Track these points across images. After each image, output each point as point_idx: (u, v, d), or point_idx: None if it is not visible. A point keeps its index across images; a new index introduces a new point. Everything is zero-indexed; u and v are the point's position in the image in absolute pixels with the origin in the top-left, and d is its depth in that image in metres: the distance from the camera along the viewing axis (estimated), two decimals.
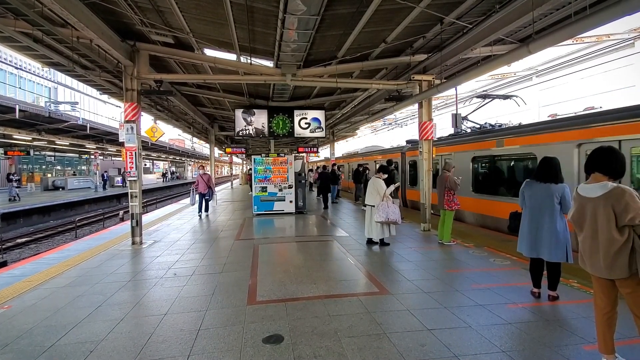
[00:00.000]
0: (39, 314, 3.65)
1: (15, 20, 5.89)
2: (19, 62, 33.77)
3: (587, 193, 2.54)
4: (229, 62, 7.74)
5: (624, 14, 3.50)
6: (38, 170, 36.20)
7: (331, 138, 20.15)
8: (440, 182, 6.44)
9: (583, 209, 2.56)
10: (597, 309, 2.60)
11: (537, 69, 12.98)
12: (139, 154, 6.96)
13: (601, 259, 2.43)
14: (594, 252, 2.49)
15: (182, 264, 5.53)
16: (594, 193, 2.49)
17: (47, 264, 5.63)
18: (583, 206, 2.56)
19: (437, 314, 3.50)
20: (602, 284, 2.55)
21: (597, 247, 2.46)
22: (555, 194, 3.65)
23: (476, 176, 8.91)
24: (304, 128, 10.56)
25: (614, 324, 2.55)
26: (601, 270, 2.46)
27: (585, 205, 2.54)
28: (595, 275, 2.56)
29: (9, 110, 13.99)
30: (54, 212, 17.16)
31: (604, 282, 2.53)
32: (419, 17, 5.89)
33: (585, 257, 2.58)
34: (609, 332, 2.53)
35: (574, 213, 2.65)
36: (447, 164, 6.64)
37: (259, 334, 3.12)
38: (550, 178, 3.70)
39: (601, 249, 2.43)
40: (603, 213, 2.41)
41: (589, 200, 2.51)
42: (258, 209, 10.98)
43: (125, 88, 6.95)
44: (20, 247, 11.28)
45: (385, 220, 6.03)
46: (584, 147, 5.91)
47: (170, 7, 5.69)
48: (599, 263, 2.46)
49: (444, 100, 18.09)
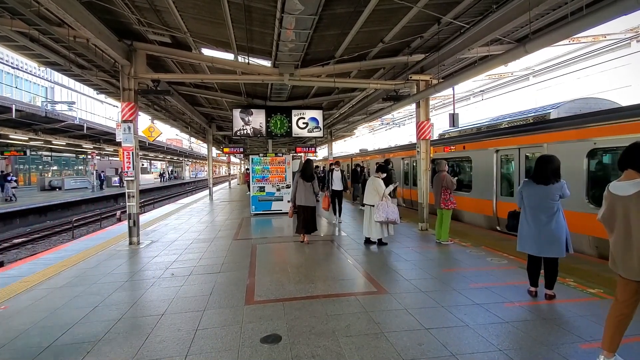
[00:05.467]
0: (35, 315, 3.63)
1: (12, 19, 5.85)
2: (15, 62, 33.54)
3: (619, 191, 2.39)
4: (227, 62, 7.73)
5: (620, 14, 3.52)
6: (35, 170, 36.00)
7: (329, 138, 20.15)
8: (437, 181, 6.46)
9: (614, 207, 2.40)
10: (615, 310, 2.47)
11: (534, 69, 13.03)
12: (136, 153, 6.94)
13: (635, 260, 2.28)
14: (626, 254, 2.34)
15: (180, 264, 5.52)
16: (626, 191, 2.34)
17: (44, 264, 5.61)
18: (614, 205, 2.40)
19: (435, 313, 3.51)
20: (632, 288, 2.38)
21: (631, 248, 2.30)
22: (555, 193, 3.66)
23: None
24: (301, 128, 10.55)
25: (627, 326, 2.46)
26: (635, 272, 2.30)
27: (616, 204, 2.38)
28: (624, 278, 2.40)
29: (5, 110, 13.90)
30: (50, 212, 17.07)
31: (634, 285, 2.37)
32: (416, 17, 5.90)
33: (617, 259, 2.40)
34: (618, 333, 2.44)
35: (604, 212, 2.49)
36: (441, 163, 6.63)
37: (256, 334, 3.12)
38: (547, 179, 3.70)
39: (635, 249, 2.28)
40: (636, 212, 2.26)
41: (620, 199, 2.36)
42: (256, 208, 10.97)
43: (123, 88, 6.92)
44: (17, 247, 11.20)
45: (385, 220, 6.03)
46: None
47: (168, 6, 5.67)
48: (632, 265, 2.30)
49: (442, 100, 18.13)
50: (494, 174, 8.18)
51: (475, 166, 8.96)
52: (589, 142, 5.80)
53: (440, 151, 10.61)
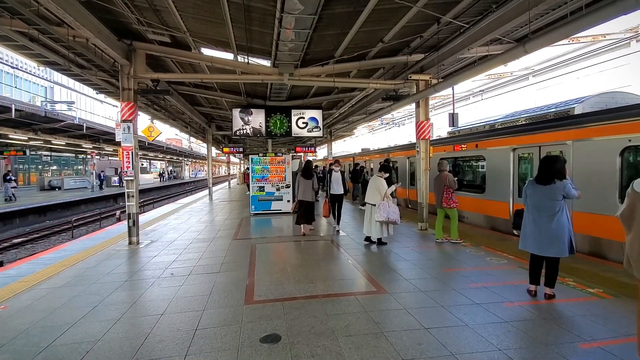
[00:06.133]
0: (35, 315, 3.63)
1: (11, 19, 5.85)
2: (15, 61, 33.50)
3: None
4: (226, 62, 7.72)
5: (620, 14, 3.52)
6: (34, 170, 35.95)
7: (329, 138, 20.14)
8: (439, 181, 6.50)
9: (634, 206, 2.26)
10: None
11: (534, 68, 13.04)
12: (136, 153, 6.93)
13: None
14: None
15: (179, 263, 5.51)
16: None
17: (43, 264, 5.60)
18: (635, 203, 2.26)
19: (434, 313, 3.51)
20: None
21: None
22: (558, 192, 3.69)
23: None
24: (301, 128, 10.55)
25: None
26: None
27: (637, 203, 2.24)
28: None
29: (5, 110, 13.88)
30: (50, 212, 17.06)
31: None
32: (416, 16, 5.90)
33: (633, 260, 2.27)
34: None
35: (624, 210, 2.36)
36: (442, 163, 6.70)
37: (256, 334, 3.12)
38: (548, 179, 3.73)
39: None
40: None
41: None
42: (255, 208, 10.97)
43: (122, 87, 6.91)
44: (17, 247, 11.19)
45: (386, 220, 6.06)
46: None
47: (167, 6, 5.66)
48: None
49: (441, 100, 18.14)
50: (510, 174, 7.63)
51: (490, 166, 8.42)
52: (622, 139, 5.30)
53: (450, 150, 10.09)
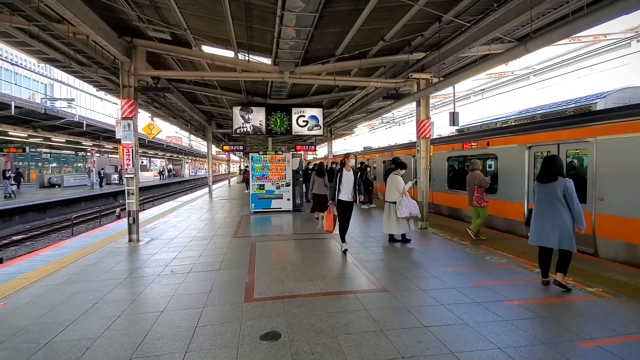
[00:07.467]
0: (34, 311, 3.63)
1: (12, 15, 5.84)
2: (14, 58, 33.43)
3: None
4: (227, 59, 7.70)
5: (621, 14, 3.53)
6: (34, 167, 35.93)
7: (329, 136, 20.12)
8: (470, 180, 6.75)
9: None
10: None
11: (535, 68, 13.02)
12: (136, 151, 6.93)
13: None
14: None
15: (179, 261, 5.52)
16: None
17: (43, 261, 5.60)
18: None
19: (434, 311, 3.52)
20: None
21: None
22: (559, 188, 3.91)
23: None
24: (301, 126, 10.55)
25: None
26: None
27: None
28: None
29: (4, 107, 13.86)
30: (50, 209, 17.06)
31: None
32: (417, 15, 5.88)
33: None
34: None
35: None
36: (475, 162, 6.87)
37: (256, 331, 3.12)
38: (549, 178, 4.01)
39: None
40: None
41: None
42: (255, 206, 10.97)
43: (122, 85, 6.90)
44: (16, 244, 11.20)
45: (409, 215, 6.19)
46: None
47: (168, 3, 5.65)
48: None
49: (442, 99, 18.12)
50: (525, 174, 7.26)
51: (502, 165, 8.07)
52: None
53: (459, 148, 9.74)
